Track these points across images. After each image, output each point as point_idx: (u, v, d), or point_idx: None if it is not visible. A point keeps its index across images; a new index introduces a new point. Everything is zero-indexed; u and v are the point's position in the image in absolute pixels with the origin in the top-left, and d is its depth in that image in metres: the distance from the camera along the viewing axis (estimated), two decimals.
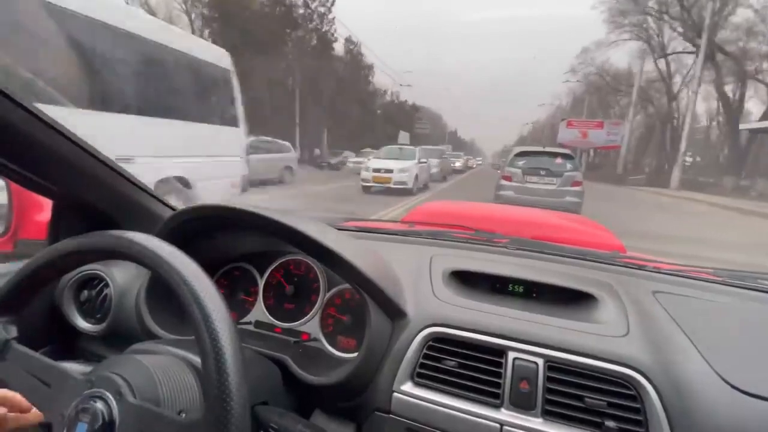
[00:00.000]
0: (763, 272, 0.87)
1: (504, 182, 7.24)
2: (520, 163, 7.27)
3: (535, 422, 0.57)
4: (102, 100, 3.69)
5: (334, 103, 28.42)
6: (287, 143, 12.59)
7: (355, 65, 33.75)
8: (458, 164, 25.52)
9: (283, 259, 0.86)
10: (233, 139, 5.35)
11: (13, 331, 0.51)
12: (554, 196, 6.77)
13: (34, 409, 0.53)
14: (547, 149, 7.66)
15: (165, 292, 0.69)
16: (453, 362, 0.63)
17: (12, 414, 0.53)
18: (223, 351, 0.38)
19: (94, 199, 0.81)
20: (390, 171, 10.25)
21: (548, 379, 0.59)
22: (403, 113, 44.31)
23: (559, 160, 7.16)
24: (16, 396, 0.52)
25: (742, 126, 19.64)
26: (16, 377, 0.48)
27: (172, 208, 0.92)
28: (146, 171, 3.37)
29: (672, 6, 23.05)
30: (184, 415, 0.43)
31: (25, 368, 0.48)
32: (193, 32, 19.91)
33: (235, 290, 0.88)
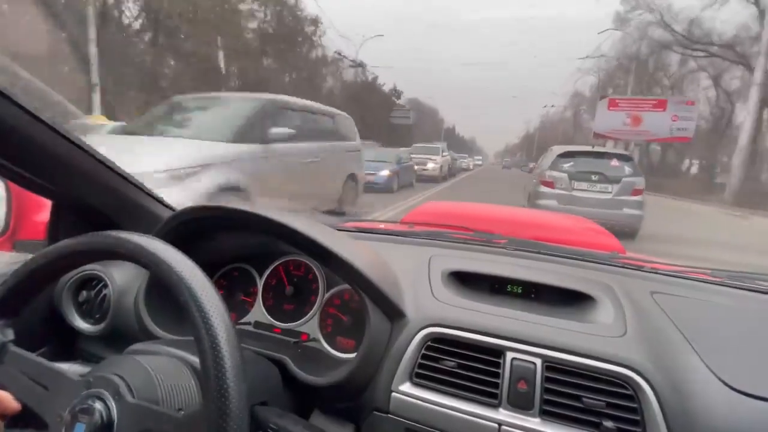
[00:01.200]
0: (761, 273, 0.87)
1: (544, 189, 5.82)
2: (566, 165, 5.80)
3: (533, 422, 0.57)
4: None
5: (243, 63, 17.18)
6: None
7: (282, 10, 20.44)
8: (431, 166, 14.19)
9: (283, 260, 0.86)
10: None
11: (10, 334, 0.51)
12: (609, 208, 5.42)
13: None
14: (599, 149, 6.38)
15: (164, 292, 0.69)
16: (451, 362, 0.63)
17: None
18: (222, 351, 0.39)
19: (93, 199, 0.81)
20: None
21: (546, 379, 0.59)
22: (376, 95, 31.23)
23: (615, 162, 5.75)
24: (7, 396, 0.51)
25: None
26: (13, 380, 0.48)
27: (172, 209, 0.92)
28: None
29: None
30: (182, 412, 0.43)
31: (22, 371, 0.48)
32: None
33: (235, 291, 0.88)
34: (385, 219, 4.31)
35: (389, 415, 0.64)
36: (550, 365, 0.60)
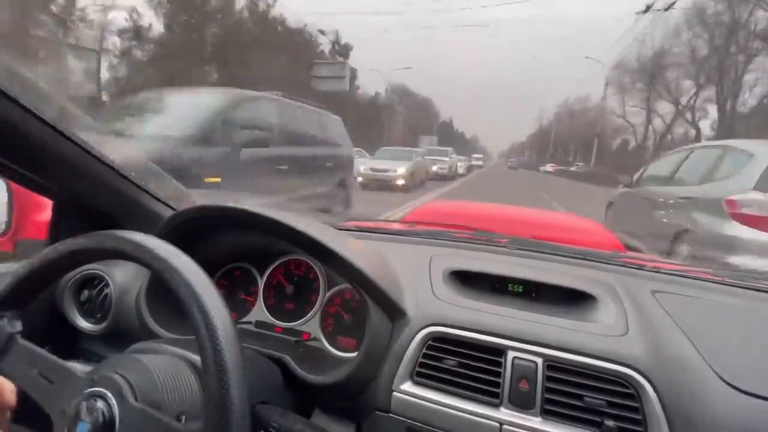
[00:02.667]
0: (763, 272, 0.87)
1: (746, 232, 2.68)
2: None
3: (534, 421, 0.57)
4: None
5: None
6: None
7: None
8: None
9: (284, 259, 0.86)
10: None
11: (18, 326, 0.51)
12: None
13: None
14: None
15: (165, 291, 0.69)
16: (453, 362, 0.63)
17: None
18: (223, 351, 0.39)
19: (94, 199, 0.81)
20: None
21: (547, 378, 0.59)
22: (268, 30, 17.84)
23: None
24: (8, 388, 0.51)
25: None
26: (19, 372, 0.48)
27: (173, 208, 0.92)
28: None
29: None
30: (184, 418, 0.43)
31: (28, 363, 0.48)
32: None
33: (236, 290, 0.88)
34: (386, 218, 4.30)
35: (390, 415, 0.64)
36: (552, 364, 0.60)
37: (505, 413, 0.58)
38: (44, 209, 0.94)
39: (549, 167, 41.00)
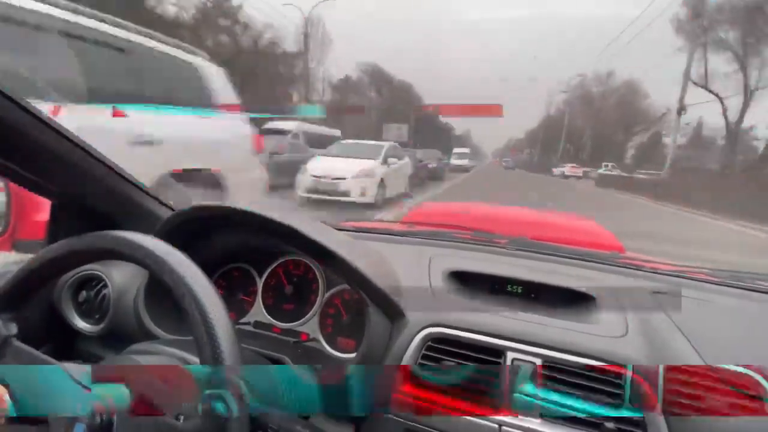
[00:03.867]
0: (761, 273, 0.87)
1: None
2: None
3: (533, 422, 0.57)
4: None
5: None
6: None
7: None
8: None
9: (283, 260, 0.86)
10: None
11: (13, 329, 0.51)
12: None
13: None
14: None
15: (163, 292, 0.69)
16: (452, 363, 0.63)
17: None
18: (222, 352, 0.38)
19: (93, 199, 0.81)
20: None
21: (547, 379, 0.59)
22: None
23: None
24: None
25: None
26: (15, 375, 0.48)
27: (171, 209, 0.92)
28: None
29: None
30: (182, 418, 0.43)
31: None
32: None
33: (234, 290, 0.88)
34: (386, 219, 4.30)
35: (389, 416, 0.64)
36: (551, 365, 0.60)
37: (504, 414, 0.58)
38: (43, 209, 0.94)
39: (569, 169, 29.98)
